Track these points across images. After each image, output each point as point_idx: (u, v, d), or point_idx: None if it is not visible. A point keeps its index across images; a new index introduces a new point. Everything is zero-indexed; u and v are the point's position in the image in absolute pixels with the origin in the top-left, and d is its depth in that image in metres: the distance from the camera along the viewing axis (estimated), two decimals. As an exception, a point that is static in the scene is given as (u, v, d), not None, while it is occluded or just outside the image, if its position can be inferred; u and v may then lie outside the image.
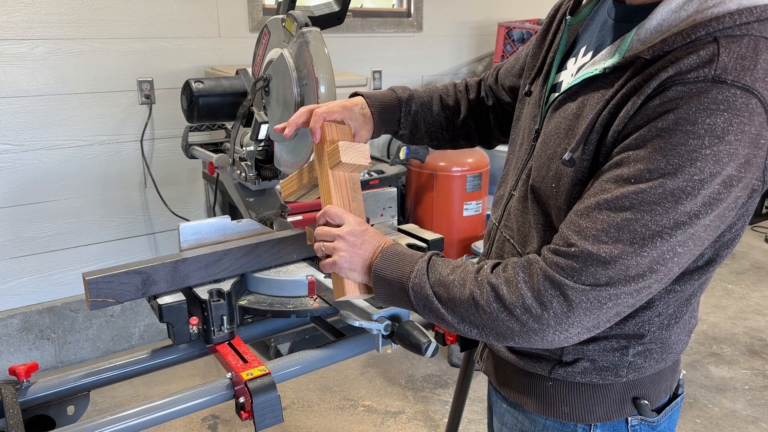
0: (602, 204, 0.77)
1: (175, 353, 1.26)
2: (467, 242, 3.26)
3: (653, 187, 0.73)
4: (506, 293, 0.81)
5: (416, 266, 0.90)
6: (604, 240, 0.76)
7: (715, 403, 2.61)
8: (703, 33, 0.73)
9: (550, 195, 0.88)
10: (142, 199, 2.93)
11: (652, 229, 0.74)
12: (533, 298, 0.79)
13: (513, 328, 0.81)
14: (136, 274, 1.19)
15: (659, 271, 0.76)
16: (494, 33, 3.66)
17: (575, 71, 0.91)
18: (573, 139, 0.84)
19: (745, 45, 0.72)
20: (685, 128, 0.71)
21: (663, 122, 0.72)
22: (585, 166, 0.82)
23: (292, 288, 1.32)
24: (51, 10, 2.53)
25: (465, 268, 0.88)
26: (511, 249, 0.99)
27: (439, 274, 0.88)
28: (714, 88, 0.70)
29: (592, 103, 0.83)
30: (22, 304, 2.75)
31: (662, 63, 0.75)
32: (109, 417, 1.03)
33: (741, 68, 0.71)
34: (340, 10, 1.37)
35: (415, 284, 0.89)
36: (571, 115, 0.86)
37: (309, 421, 2.48)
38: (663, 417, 0.97)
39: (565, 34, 0.98)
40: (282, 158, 1.47)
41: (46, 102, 2.61)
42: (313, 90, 1.28)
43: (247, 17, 2.99)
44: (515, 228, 0.98)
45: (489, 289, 0.83)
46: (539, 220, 0.92)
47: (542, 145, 0.91)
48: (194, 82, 1.54)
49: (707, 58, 0.71)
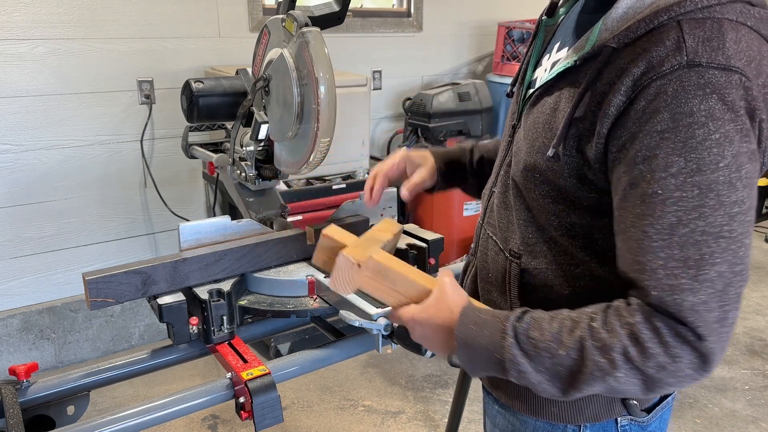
0: (651, 234, 0.73)
1: (175, 353, 1.26)
2: (467, 242, 3.25)
3: (688, 190, 0.71)
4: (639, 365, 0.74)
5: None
6: (682, 276, 0.72)
7: (715, 403, 2.61)
8: (665, 18, 0.73)
9: (531, 188, 0.89)
10: (142, 199, 2.93)
11: (711, 233, 0.71)
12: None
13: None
14: (136, 274, 1.19)
15: (738, 267, 0.72)
16: (494, 33, 3.66)
17: (550, 67, 0.92)
18: (552, 134, 0.84)
19: (708, 28, 0.72)
20: (685, 121, 0.70)
21: (660, 124, 0.71)
22: (567, 161, 0.82)
23: (292, 288, 1.32)
24: (51, 10, 2.53)
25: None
26: (494, 246, 0.99)
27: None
28: (692, 72, 0.70)
29: (567, 96, 0.83)
30: (22, 304, 2.75)
31: (630, 55, 0.74)
32: (109, 417, 1.03)
33: (710, 49, 0.70)
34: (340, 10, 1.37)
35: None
36: (549, 110, 0.86)
37: (309, 421, 2.48)
38: (653, 417, 0.97)
39: (541, 34, 0.99)
40: (282, 158, 1.47)
41: (46, 102, 2.61)
42: (313, 90, 1.27)
43: (247, 17, 2.99)
44: (496, 225, 0.99)
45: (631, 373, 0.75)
46: (521, 216, 0.92)
47: (522, 140, 0.92)
48: (194, 82, 1.54)
49: (674, 46, 0.71)
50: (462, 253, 3.28)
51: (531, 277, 0.93)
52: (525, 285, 0.94)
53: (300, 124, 1.34)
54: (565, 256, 0.89)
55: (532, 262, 0.92)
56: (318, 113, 1.28)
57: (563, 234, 0.88)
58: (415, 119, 3.36)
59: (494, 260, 1.00)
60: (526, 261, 0.93)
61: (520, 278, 0.94)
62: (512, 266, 0.95)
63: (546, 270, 0.91)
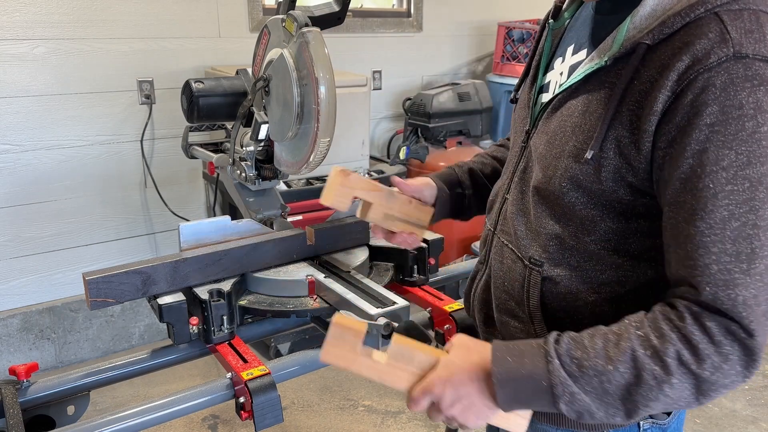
0: (703, 229, 0.72)
1: (175, 353, 1.26)
2: (467, 242, 3.25)
3: (738, 183, 0.71)
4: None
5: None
6: (735, 270, 0.72)
7: (715, 403, 2.61)
8: (702, 10, 0.73)
9: (559, 195, 0.86)
10: (142, 199, 2.93)
11: (761, 226, 0.71)
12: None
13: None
14: (136, 274, 1.19)
15: None
16: (494, 33, 3.66)
17: (566, 70, 0.90)
18: (586, 137, 0.82)
19: (747, 19, 0.72)
20: (734, 114, 0.70)
21: (710, 117, 0.71)
22: (605, 163, 0.80)
23: (292, 288, 1.32)
24: (51, 10, 2.53)
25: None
26: (510, 254, 0.97)
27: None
28: (739, 64, 0.70)
29: (598, 98, 0.81)
30: (22, 304, 2.75)
31: (670, 49, 0.74)
32: (109, 417, 1.03)
33: (754, 41, 0.71)
34: (340, 10, 1.37)
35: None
36: (577, 113, 0.84)
37: (309, 421, 2.48)
38: (672, 418, 0.96)
39: (549, 37, 0.98)
40: (282, 158, 1.47)
41: (46, 102, 2.61)
42: (313, 90, 1.28)
43: (247, 17, 2.99)
44: (512, 232, 0.96)
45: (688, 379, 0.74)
46: (542, 223, 0.90)
47: (544, 145, 0.89)
48: (194, 82, 1.54)
49: (718, 37, 0.71)
50: (462, 253, 3.28)
51: (553, 285, 0.91)
52: (546, 293, 0.92)
53: (300, 124, 1.34)
54: (591, 261, 0.87)
55: (554, 270, 0.90)
56: (318, 113, 1.28)
57: (594, 240, 0.86)
58: (415, 119, 3.37)
59: (511, 269, 0.97)
60: (548, 268, 0.91)
61: (541, 286, 0.92)
62: (533, 274, 0.92)
63: (570, 277, 0.89)
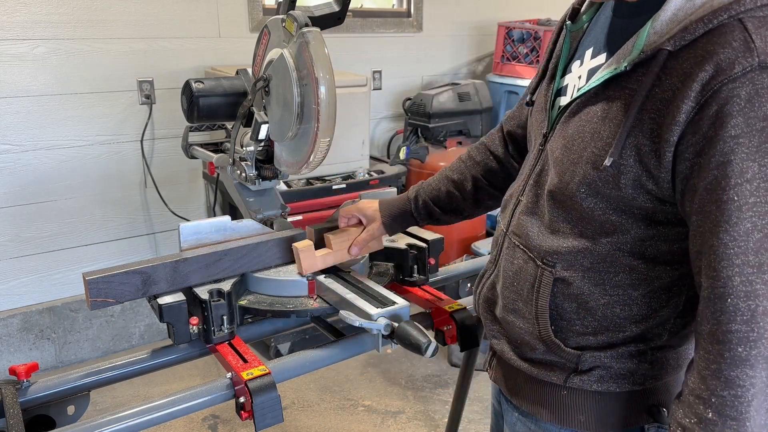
0: (726, 241, 0.73)
1: (175, 353, 1.26)
2: (467, 242, 3.25)
3: (762, 195, 0.71)
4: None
5: None
6: (756, 281, 0.72)
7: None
8: (726, 17, 0.72)
9: (579, 200, 0.86)
10: (142, 199, 2.93)
11: None
12: None
13: None
14: (136, 274, 1.19)
15: None
16: (494, 33, 3.66)
17: (585, 74, 0.89)
18: (605, 143, 0.81)
19: None
20: (758, 126, 0.70)
21: (734, 129, 0.70)
22: (624, 170, 0.80)
23: (292, 288, 1.32)
24: (51, 10, 2.53)
25: None
26: (522, 255, 0.97)
27: None
28: (764, 74, 0.69)
29: (619, 104, 0.81)
30: (22, 304, 2.75)
31: (693, 58, 0.73)
32: (109, 417, 1.03)
33: None
34: (340, 10, 1.37)
35: None
36: (596, 118, 0.83)
37: (309, 421, 2.48)
38: None
39: (567, 39, 0.97)
40: (282, 158, 1.47)
41: (46, 102, 2.61)
42: (313, 90, 1.27)
43: (247, 17, 2.99)
44: (525, 234, 0.96)
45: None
46: (557, 226, 0.90)
47: (561, 150, 0.89)
48: (194, 82, 1.54)
49: (742, 47, 0.70)
50: (462, 253, 3.28)
51: (565, 285, 0.91)
52: (557, 294, 0.92)
53: (300, 124, 1.34)
54: (605, 263, 0.88)
55: (567, 271, 0.90)
56: (318, 113, 1.28)
57: (610, 242, 0.86)
58: (415, 119, 3.37)
59: (522, 269, 0.97)
60: (561, 269, 0.91)
61: (552, 287, 0.92)
62: (545, 275, 0.92)
63: (582, 278, 0.89)
